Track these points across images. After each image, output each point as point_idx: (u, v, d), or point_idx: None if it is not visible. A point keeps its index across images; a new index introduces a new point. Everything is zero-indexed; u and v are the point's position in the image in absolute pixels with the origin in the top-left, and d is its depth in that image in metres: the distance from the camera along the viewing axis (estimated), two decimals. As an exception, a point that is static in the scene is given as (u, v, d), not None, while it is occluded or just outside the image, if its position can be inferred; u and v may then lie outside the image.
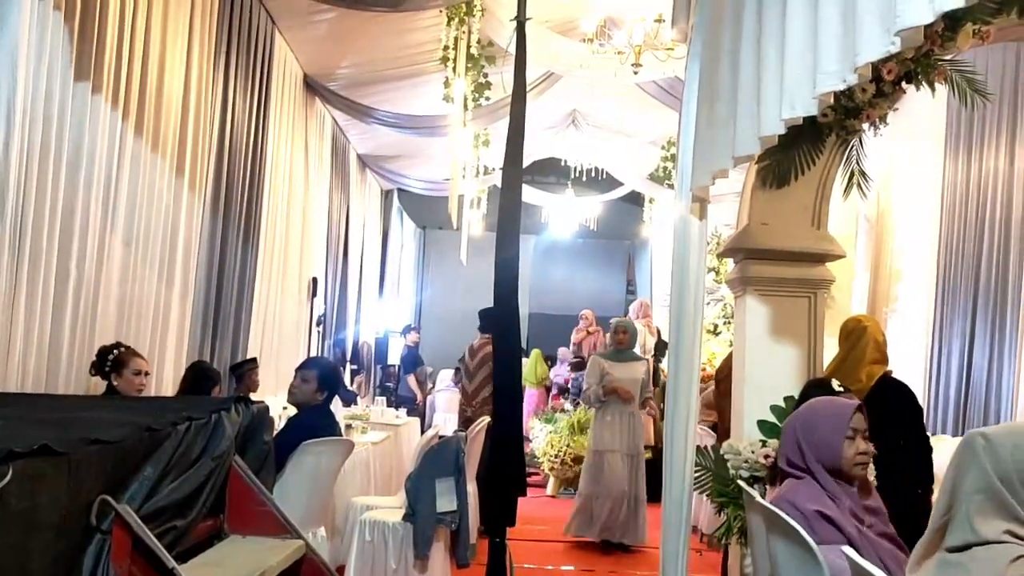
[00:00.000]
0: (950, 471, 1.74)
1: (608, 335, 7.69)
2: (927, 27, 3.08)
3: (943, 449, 6.17)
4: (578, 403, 9.86)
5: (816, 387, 3.18)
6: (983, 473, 1.68)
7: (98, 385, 4.14)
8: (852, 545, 2.25)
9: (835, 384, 3.22)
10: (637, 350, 9.21)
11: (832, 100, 2.29)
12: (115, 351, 4.05)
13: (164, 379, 5.25)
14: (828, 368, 3.63)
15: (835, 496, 2.46)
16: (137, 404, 3.47)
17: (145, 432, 2.15)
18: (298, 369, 4.37)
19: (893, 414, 3.42)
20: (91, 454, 1.89)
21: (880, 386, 3.56)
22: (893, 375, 3.72)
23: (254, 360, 6.05)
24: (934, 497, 3.60)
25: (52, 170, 3.92)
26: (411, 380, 11.33)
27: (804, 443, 2.53)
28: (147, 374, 4.14)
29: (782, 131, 2.37)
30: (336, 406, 7.09)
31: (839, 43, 2.07)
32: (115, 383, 4.00)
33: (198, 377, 4.84)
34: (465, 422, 6.65)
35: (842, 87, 2.12)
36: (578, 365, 10.85)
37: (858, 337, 3.67)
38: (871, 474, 2.89)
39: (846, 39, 2.04)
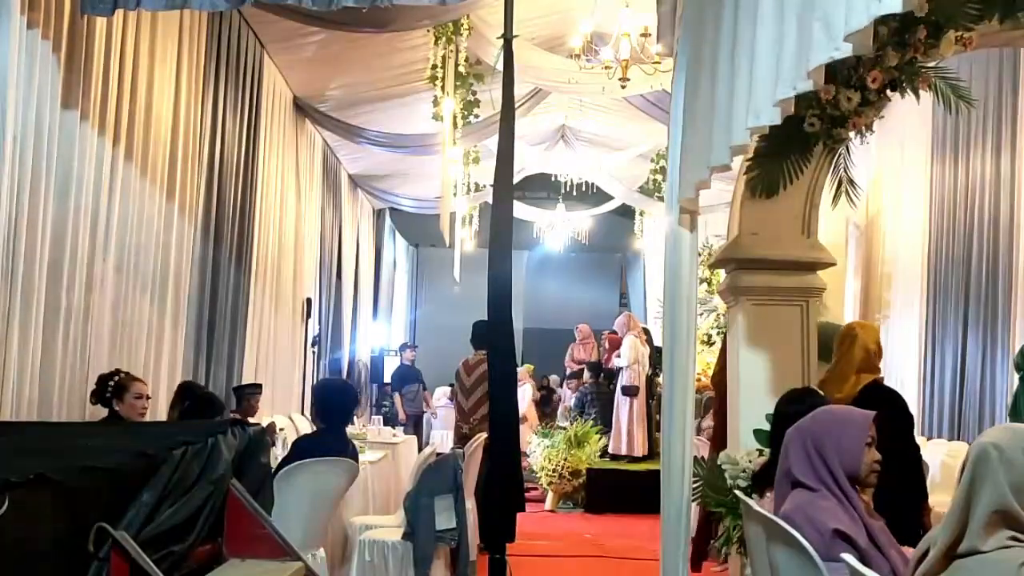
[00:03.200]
0: (964, 485, 1.72)
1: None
2: (911, 35, 3.16)
3: (941, 452, 6.21)
4: (576, 418, 9.84)
5: (789, 402, 3.09)
6: (999, 486, 1.68)
7: (95, 412, 4.13)
8: (865, 560, 2.24)
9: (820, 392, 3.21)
10: (631, 363, 9.22)
11: (792, 108, 2.30)
12: (115, 377, 4.05)
13: (159, 404, 5.22)
14: (821, 376, 3.63)
15: (851, 507, 2.45)
16: (132, 429, 3.46)
17: (141, 458, 2.15)
18: None
19: (884, 422, 3.41)
20: (87, 481, 1.88)
21: (871, 394, 3.55)
22: (883, 382, 3.71)
23: (259, 386, 6.04)
24: (932, 512, 3.61)
25: (42, 198, 3.92)
26: (396, 398, 11.25)
27: (823, 453, 2.49)
28: (148, 398, 4.14)
29: (748, 140, 2.39)
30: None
31: (796, 52, 2.11)
32: (117, 408, 4.00)
33: (202, 405, 4.76)
34: (461, 439, 6.61)
35: (792, 94, 2.14)
36: (579, 374, 10.81)
37: (849, 345, 3.68)
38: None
39: (800, 47, 2.08)
